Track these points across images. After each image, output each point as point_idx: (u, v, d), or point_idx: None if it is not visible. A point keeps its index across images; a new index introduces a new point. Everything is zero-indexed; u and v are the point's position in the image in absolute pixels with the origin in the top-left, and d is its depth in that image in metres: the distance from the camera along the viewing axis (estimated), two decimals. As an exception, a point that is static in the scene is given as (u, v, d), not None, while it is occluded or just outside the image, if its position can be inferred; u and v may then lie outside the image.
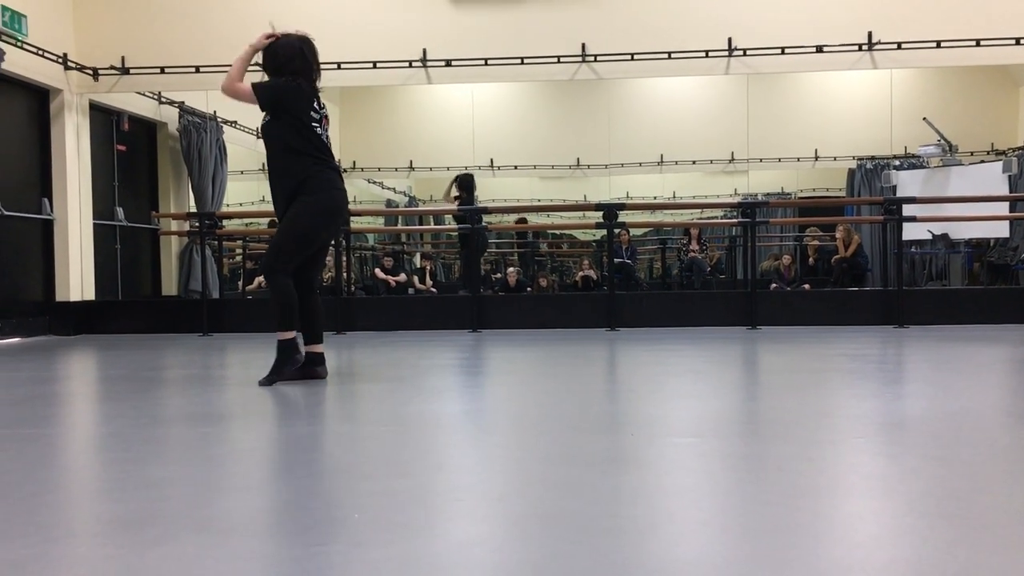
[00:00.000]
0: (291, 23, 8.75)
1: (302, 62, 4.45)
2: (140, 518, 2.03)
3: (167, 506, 2.15)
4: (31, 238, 8.34)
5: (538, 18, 8.64)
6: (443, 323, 8.26)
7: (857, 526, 1.93)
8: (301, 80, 4.41)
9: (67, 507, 2.26)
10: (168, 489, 2.32)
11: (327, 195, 4.39)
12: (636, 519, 1.98)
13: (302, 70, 4.44)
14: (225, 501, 2.20)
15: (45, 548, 1.84)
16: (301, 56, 4.45)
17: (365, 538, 1.86)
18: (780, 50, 8.41)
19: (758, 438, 2.94)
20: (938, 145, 11.41)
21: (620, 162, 12.99)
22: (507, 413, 3.63)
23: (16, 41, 7.62)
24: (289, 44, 4.46)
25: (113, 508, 2.17)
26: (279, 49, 4.46)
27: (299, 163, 4.36)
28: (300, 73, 4.43)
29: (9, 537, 1.91)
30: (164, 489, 2.32)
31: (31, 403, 4.07)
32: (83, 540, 1.95)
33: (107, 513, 2.14)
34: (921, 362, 5.33)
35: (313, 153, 4.38)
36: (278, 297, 4.42)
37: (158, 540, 1.87)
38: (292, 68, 4.42)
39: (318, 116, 4.45)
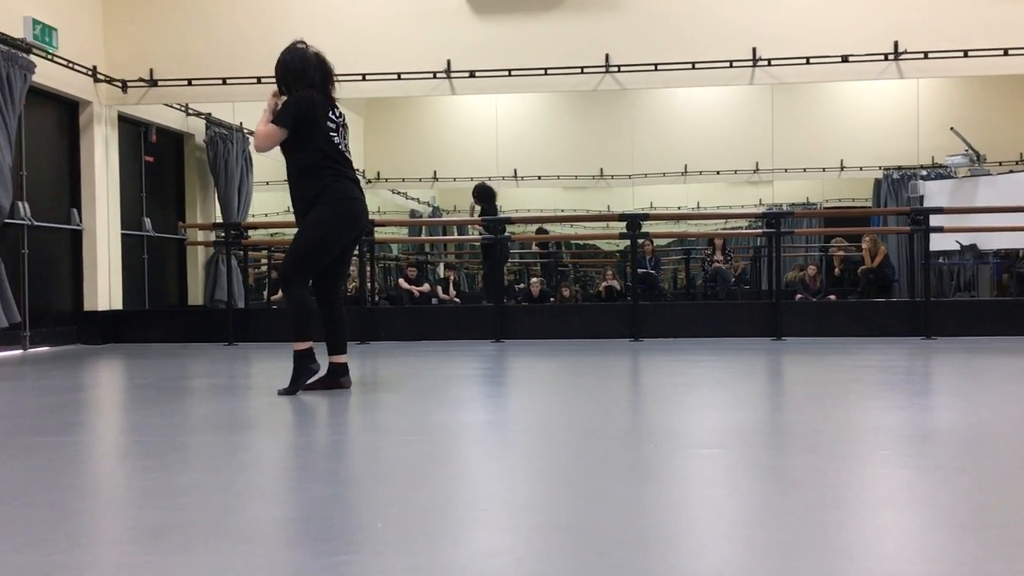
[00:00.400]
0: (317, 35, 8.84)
1: (317, 73, 4.45)
2: (165, 526, 2.05)
3: (192, 514, 2.16)
4: (60, 248, 8.44)
5: (562, 29, 8.66)
6: (466, 333, 8.26)
7: (884, 539, 1.91)
8: (314, 92, 4.41)
9: (93, 514, 2.28)
10: (193, 497, 2.34)
11: (343, 204, 4.39)
12: (660, 530, 1.97)
13: (317, 81, 4.44)
14: (249, 509, 2.22)
15: (72, 555, 1.86)
16: (315, 67, 4.45)
17: (388, 547, 1.87)
18: (805, 60, 8.37)
19: (783, 450, 2.91)
20: (966, 155, 11.30)
21: (644, 172, 12.97)
22: (530, 423, 3.62)
23: (47, 54, 7.74)
24: (302, 56, 4.45)
25: (139, 516, 2.19)
26: (292, 63, 4.45)
27: (316, 174, 4.37)
28: (315, 84, 4.43)
29: (36, 544, 1.93)
30: (189, 497, 2.33)
31: (59, 411, 4.11)
32: (109, 547, 1.96)
33: (133, 520, 2.16)
34: (948, 374, 5.27)
35: (330, 164, 4.38)
36: (293, 307, 4.44)
37: (183, 547, 1.88)
38: (308, 80, 4.42)
39: (335, 125, 4.45)
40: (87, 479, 2.74)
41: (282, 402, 4.20)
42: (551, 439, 3.22)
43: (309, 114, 4.34)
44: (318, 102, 4.38)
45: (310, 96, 4.38)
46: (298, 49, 4.48)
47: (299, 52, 4.47)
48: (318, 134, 4.36)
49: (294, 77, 4.43)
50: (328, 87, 4.52)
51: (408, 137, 13.52)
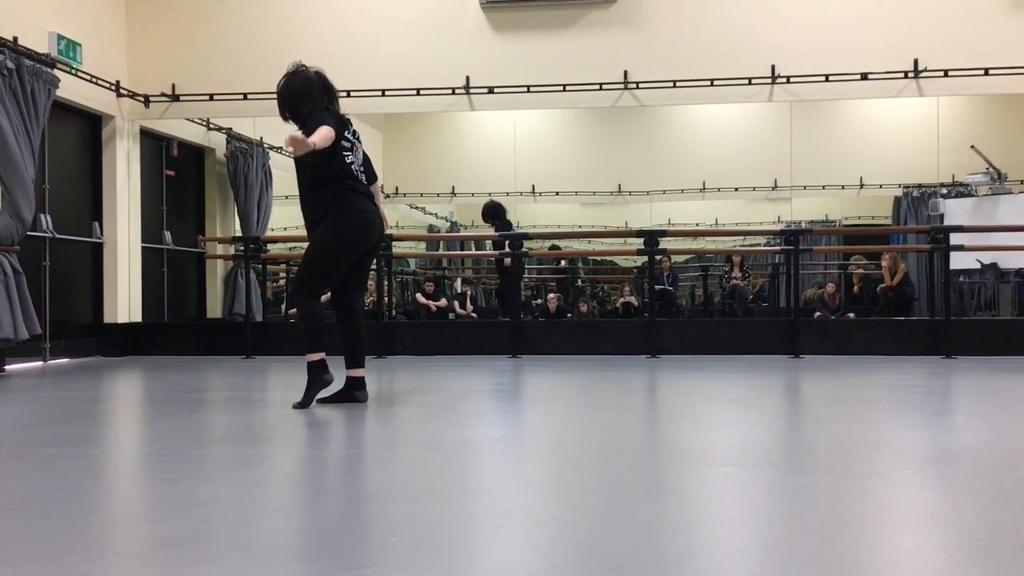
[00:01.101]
0: (337, 51, 8.92)
1: (322, 93, 4.46)
2: (182, 538, 2.05)
3: (209, 526, 2.17)
4: (81, 261, 8.51)
5: (580, 45, 8.68)
6: (483, 348, 8.26)
7: (903, 560, 1.89)
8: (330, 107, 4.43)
9: (111, 526, 2.29)
10: (210, 509, 2.34)
11: (352, 216, 4.39)
12: (676, 548, 1.96)
13: (321, 99, 4.44)
14: (265, 522, 2.22)
15: (89, 567, 1.87)
16: (319, 87, 4.45)
17: (402, 562, 1.87)
18: (824, 77, 8.35)
19: (800, 468, 2.90)
20: (986, 173, 11.22)
21: (662, 188, 12.95)
22: (546, 439, 3.62)
23: (71, 69, 7.83)
24: (305, 79, 4.44)
25: (156, 528, 2.20)
26: (296, 87, 4.43)
27: (325, 191, 4.38)
28: (320, 103, 4.43)
29: (54, 556, 1.94)
30: (206, 509, 2.34)
31: (78, 423, 4.14)
32: (126, 559, 1.97)
33: (150, 533, 2.17)
34: (969, 394, 5.22)
35: (338, 180, 4.39)
36: (304, 319, 4.49)
37: (200, 560, 1.89)
38: (312, 100, 4.41)
39: (349, 144, 4.47)
40: (105, 491, 2.76)
41: (298, 415, 4.21)
42: (567, 455, 3.21)
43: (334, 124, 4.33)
44: (337, 122, 4.40)
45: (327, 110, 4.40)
46: (300, 73, 4.47)
47: (301, 75, 4.46)
48: (336, 152, 4.37)
49: (301, 100, 4.42)
50: (333, 105, 4.53)
51: (426, 152, 13.57)
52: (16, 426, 4.09)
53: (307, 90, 4.43)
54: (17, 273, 6.80)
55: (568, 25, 8.71)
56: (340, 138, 4.38)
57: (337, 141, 4.34)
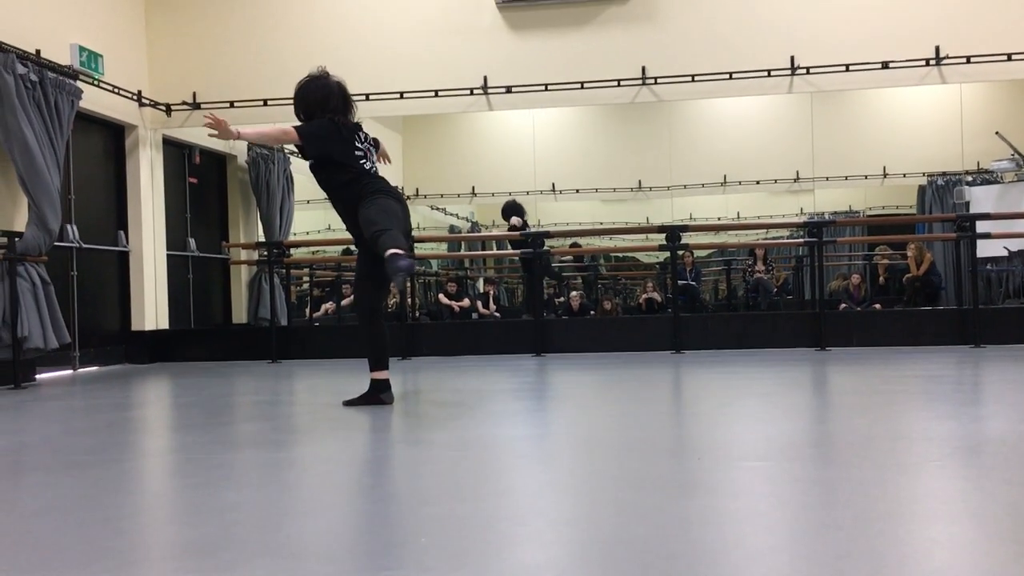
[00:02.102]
0: (355, 55, 8.96)
1: (338, 100, 4.48)
2: (213, 543, 2.07)
3: (239, 531, 2.19)
4: (108, 269, 8.60)
5: (597, 42, 8.66)
6: (507, 347, 8.27)
7: (934, 553, 1.88)
8: (339, 117, 4.45)
9: (142, 532, 2.32)
10: (239, 514, 2.36)
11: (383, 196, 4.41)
12: (704, 545, 1.95)
13: (338, 108, 4.48)
14: (295, 525, 2.24)
15: (122, 573, 1.89)
16: (336, 95, 4.48)
17: (432, 563, 1.87)
18: (844, 67, 8.28)
19: (829, 462, 2.88)
20: (1012, 159, 11.09)
21: (682, 183, 12.90)
22: (572, 437, 3.62)
23: (93, 80, 7.91)
24: (324, 85, 4.48)
25: (187, 533, 2.22)
26: (314, 92, 4.48)
27: (350, 192, 4.41)
28: (336, 111, 4.46)
29: (86, 562, 1.97)
30: (235, 514, 2.36)
31: (109, 430, 4.19)
32: (158, 565, 1.99)
33: (181, 538, 2.19)
34: (999, 383, 5.16)
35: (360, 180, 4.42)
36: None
37: (231, 565, 1.90)
38: (328, 107, 4.45)
39: (362, 149, 4.49)
40: (136, 497, 2.79)
41: (325, 418, 4.23)
42: (594, 453, 3.21)
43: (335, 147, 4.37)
44: (344, 131, 4.43)
45: (335, 125, 4.42)
46: (321, 79, 4.51)
47: (322, 81, 4.49)
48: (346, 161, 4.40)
49: (316, 106, 4.46)
50: (349, 114, 4.56)
51: (446, 153, 13.60)
52: (48, 434, 4.14)
53: (324, 96, 4.46)
54: (45, 283, 6.88)
55: (585, 22, 8.69)
56: (352, 145, 4.43)
57: (349, 148, 4.41)
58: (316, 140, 4.38)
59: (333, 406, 4.60)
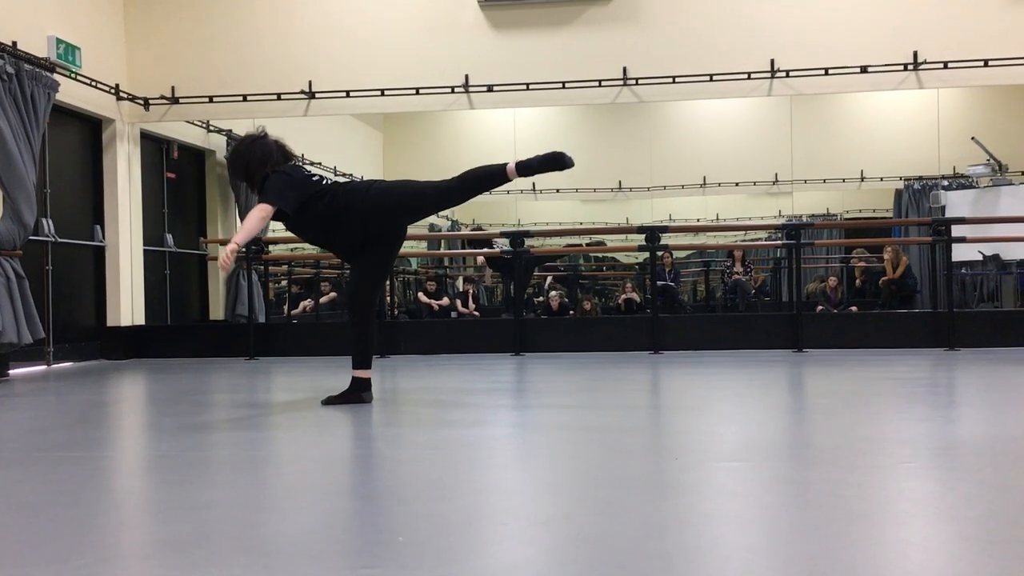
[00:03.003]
0: (336, 51, 8.92)
1: (279, 156, 4.51)
2: (189, 540, 2.06)
3: (215, 528, 2.17)
4: (83, 264, 8.52)
5: (579, 42, 8.68)
6: (486, 346, 8.26)
7: (908, 553, 1.89)
8: (286, 166, 4.48)
9: (117, 529, 2.30)
10: (216, 511, 2.35)
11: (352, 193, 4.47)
12: (681, 544, 1.96)
13: (286, 157, 4.54)
14: (272, 523, 2.23)
15: (96, 569, 1.87)
16: (275, 153, 4.50)
17: (410, 561, 1.87)
18: (823, 71, 8.34)
19: (805, 463, 2.90)
20: (987, 165, 11.21)
21: (662, 184, 12.95)
22: (550, 437, 3.62)
23: (70, 73, 7.83)
24: (263, 144, 4.50)
25: (162, 529, 2.20)
26: (254, 153, 4.48)
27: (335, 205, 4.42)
28: (282, 162, 4.50)
29: (61, 559, 1.95)
30: (212, 511, 2.35)
31: (83, 426, 4.15)
32: (133, 562, 1.98)
33: (157, 534, 2.17)
34: (973, 386, 5.22)
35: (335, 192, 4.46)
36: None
37: (207, 561, 1.89)
38: (275, 162, 4.47)
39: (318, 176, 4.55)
40: (112, 493, 2.77)
41: (303, 416, 4.22)
42: (572, 452, 3.22)
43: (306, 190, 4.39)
44: (287, 166, 4.47)
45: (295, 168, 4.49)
46: (260, 138, 4.54)
47: (261, 141, 4.52)
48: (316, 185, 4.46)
49: (259, 164, 4.46)
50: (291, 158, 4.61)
51: (426, 151, 13.56)
52: (21, 430, 4.10)
53: (265, 155, 4.47)
54: (20, 277, 6.81)
55: (567, 22, 8.70)
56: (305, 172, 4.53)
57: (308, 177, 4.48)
58: (285, 194, 4.34)
59: (311, 403, 4.58)
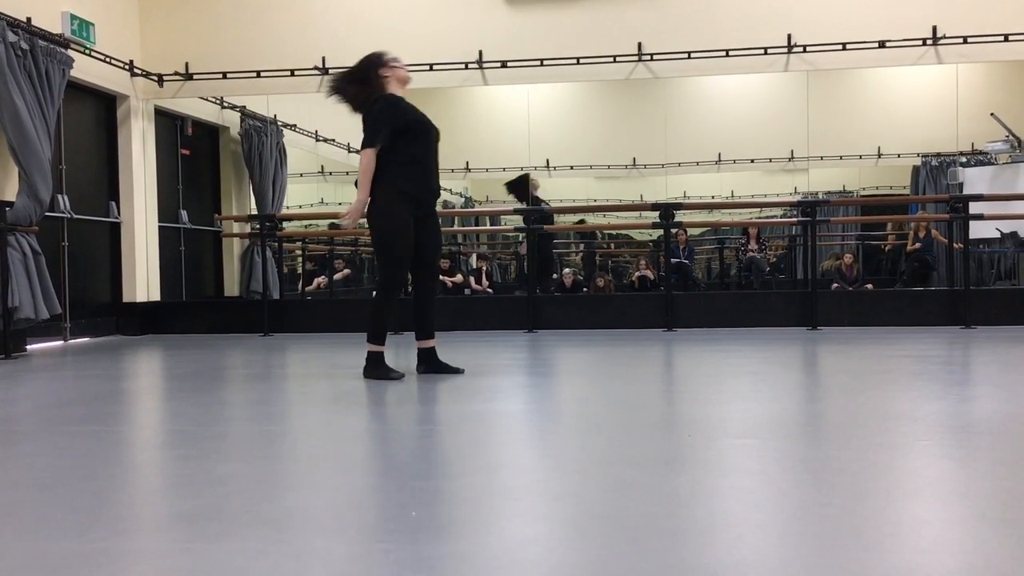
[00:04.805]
0: (349, 28, 8.88)
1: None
2: (204, 513, 2.08)
3: (231, 502, 2.19)
4: (99, 241, 8.56)
5: (594, 17, 8.61)
6: (499, 323, 8.27)
7: (922, 531, 1.89)
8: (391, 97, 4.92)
9: (133, 502, 2.32)
10: (231, 485, 2.37)
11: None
12: (694, 520, 1.96)
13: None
14: (286, 498, 2.24)
15: (112, 542, 1.89)
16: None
17: (423, 536, 1.88)
18: (841, 46, 8.25)
19: (819, 440, 2.89)
20: (1006, 141, 11.08)
21: (677, 161, 12.87)
22: (564, 413, 3.63)
23: (84, 49, 7.83)
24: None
25: (179, 503, 2.22)
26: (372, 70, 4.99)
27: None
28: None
29: (78, 531, 1.97)
30: (227, 485, 2.37)
31: (100, 401, 4.18)
32: (149, 534, 2.00)
33: (173, 508, 2.19)
34: (989, 363, 5.19)
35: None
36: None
37: (222, 535, 1.91)
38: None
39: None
40: (127, 468, 2.79)
41: (317, 392, 4.24)
42: (585, 429, 3.22)
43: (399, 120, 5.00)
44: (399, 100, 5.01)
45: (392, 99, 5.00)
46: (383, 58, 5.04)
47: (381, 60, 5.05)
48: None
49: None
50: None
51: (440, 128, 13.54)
52: (39, 405, 4.14)
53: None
54: (36, 253, 6.85)
55: (581, -3, 8.62)
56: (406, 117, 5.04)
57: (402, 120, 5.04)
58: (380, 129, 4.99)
59: (325, 379, 4.60)
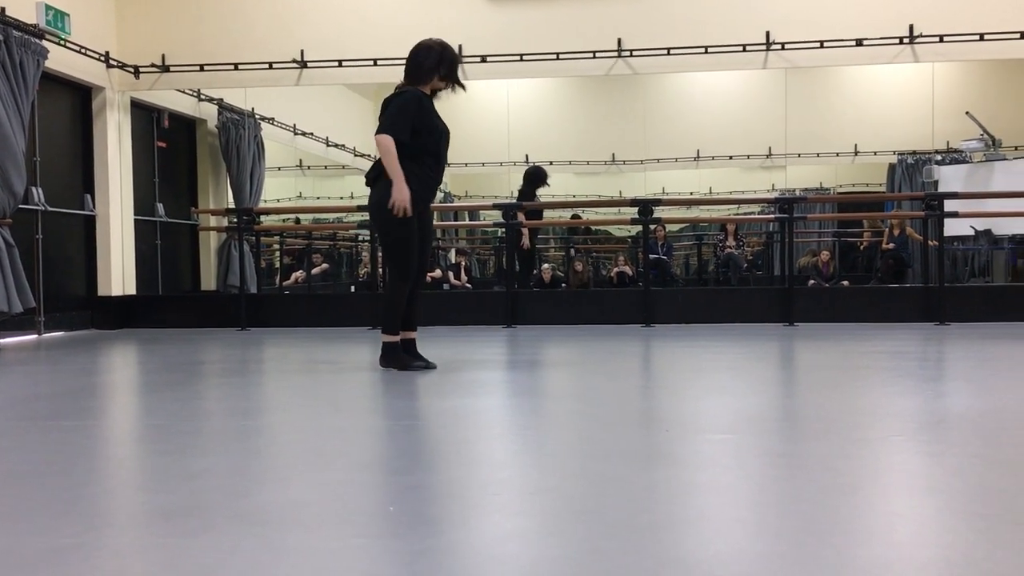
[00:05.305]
0: (329, 21, 8.84)
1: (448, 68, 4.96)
2: (180, 509, 2.06)
3: (206, 497, 2.18)
4: (74, 234, 8.47)
5: (574, 13, 8.61)
6: (478, 318, 8.26)
7: (896, 524, 1.91)
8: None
9: (109, 497, 2.30)
10: (207, 481, 2.35)
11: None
12: (671, 515, 1.97)
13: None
14: (263, 493, 2.23)
15: (87, 538, 1.87)
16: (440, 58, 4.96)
17: (401, 531, 1.88)
18: (819, 44, 8.30)
19: (795, 435, 2.91)
20: (981, 140, 11.20)
21: (656, 157, 12.92)
22: (542, 408, 3.63)
23: (59, 40, 7.74)
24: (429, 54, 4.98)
25: (154, 499, 2.21)
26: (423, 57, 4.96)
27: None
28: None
29: (53, 527, 1.95)
30: (203, 481, 2.35)
31: (74, 395, 4.15)
32: (124, 530, 1.98)
33: (148, 504, 2.17)
34: (963, 359, 5.24)
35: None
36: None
37: (198, 530, 1.89)
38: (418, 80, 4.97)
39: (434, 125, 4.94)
40: (102, 462, 2.77)
41: (294, 386, 4.22)
42: (563, 424, 3.23)
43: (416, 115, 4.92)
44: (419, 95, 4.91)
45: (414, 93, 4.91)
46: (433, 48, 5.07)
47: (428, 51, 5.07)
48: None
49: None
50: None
51: (420, 122, 13.48)
52: (12, 399, 4.09)
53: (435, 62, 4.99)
54: (10, 246, 6.77)
55: (561, -8, 8.62)
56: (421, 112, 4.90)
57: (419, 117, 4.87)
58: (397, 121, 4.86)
59: (302, 374, 4.58)
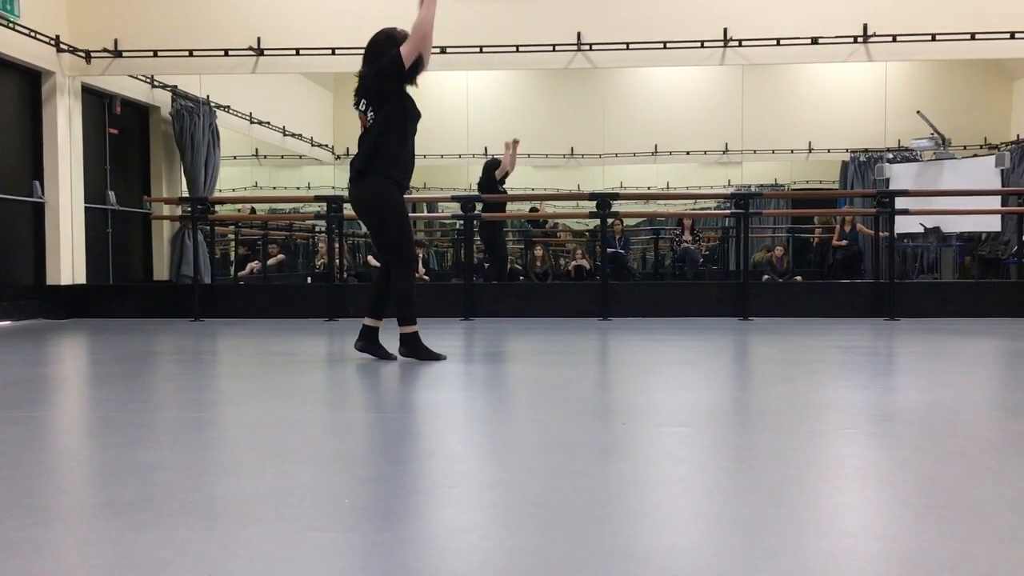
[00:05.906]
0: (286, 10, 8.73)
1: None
2: (131, 502, 2.03)
3: (158, 490, 2.14)
4: (22, 221, 8.29)
5: (534, 5, 8.61)
6: (435, 311, 8.23)
7: (846, 516, 1.94)
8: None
9: (57, 491, 2.26)
10: (159, 473, 2.32)
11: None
12: (626, 508, 1.98)
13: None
14: (216, 486, 2.20)
15: (35, 532, 1.84)
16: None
17: (356, 523, 1.87)
18: (775, 41, 8.40)
19: (748, 428, 2.95)
20: (931, 139, 11.42)
21: (614, 152, 12.98)
22: (499, 401, 3.63)
23: (8, 22, 7.57)
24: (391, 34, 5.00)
25: (104, 492, 2.17)
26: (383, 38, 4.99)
27: None
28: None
29: (1, 519, 1.91)
30: (155, 473, 2.32)
31: (21, 386, 4.06)
32: (74, 524, 1.95)
33: (98, 497, 2.14)
34: (911, 354, 5.35)
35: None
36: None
37: (149, 524, 1.87)
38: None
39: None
40: (51, 455, 2.71)
41: (249, 377, 4.18)
42: (519, 417, 3.23)
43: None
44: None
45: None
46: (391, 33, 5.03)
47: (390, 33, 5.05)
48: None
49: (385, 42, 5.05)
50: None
51: (378, 113, 13.40)
52: (-44, 390, 4.00)
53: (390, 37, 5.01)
54: (-46, 234, 6.61)
55: (521, -15, 8.61)
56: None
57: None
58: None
59: (257, 365, 4.53)
